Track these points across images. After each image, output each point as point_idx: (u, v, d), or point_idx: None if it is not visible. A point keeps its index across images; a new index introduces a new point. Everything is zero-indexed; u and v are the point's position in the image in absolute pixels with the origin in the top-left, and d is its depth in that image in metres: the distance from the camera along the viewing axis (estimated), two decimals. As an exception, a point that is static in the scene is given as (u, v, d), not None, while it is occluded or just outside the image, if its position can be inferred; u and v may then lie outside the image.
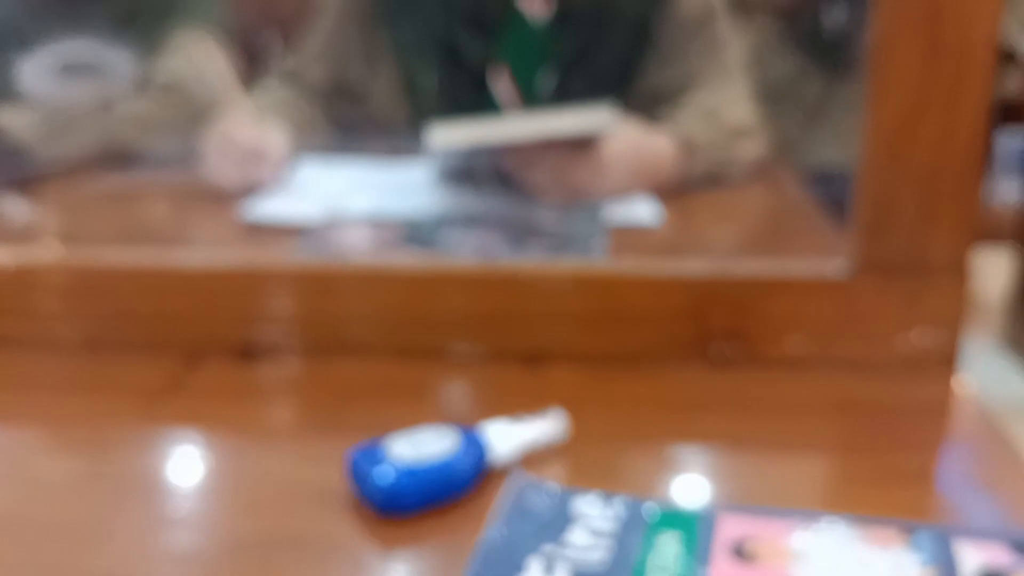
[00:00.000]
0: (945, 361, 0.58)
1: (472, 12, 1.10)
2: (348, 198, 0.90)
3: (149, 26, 1.21)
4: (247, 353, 0.60)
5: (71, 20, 1.20)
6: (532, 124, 0.83)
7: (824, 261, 0.58)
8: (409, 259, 0.69)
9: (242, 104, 1.04)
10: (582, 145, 0.85)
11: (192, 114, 1.10)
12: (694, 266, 0.59)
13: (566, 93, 1.10)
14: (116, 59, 1.09)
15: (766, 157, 1.02)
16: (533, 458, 0.47)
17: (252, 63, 1.22)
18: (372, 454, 0.44)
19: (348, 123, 1.17)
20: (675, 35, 1.09)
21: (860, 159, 0.56)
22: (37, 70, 1.06)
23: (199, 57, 1.16)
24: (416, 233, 0.73)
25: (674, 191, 0.91)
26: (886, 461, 0.50)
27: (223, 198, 0.92)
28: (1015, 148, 2.36)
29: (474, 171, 0.92)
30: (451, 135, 0.82)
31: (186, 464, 0.51)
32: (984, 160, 0.55)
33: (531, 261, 0.65)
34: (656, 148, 0.91)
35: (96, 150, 1.08)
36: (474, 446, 0.45)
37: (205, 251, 0.68)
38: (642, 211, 0.83)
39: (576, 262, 0.66)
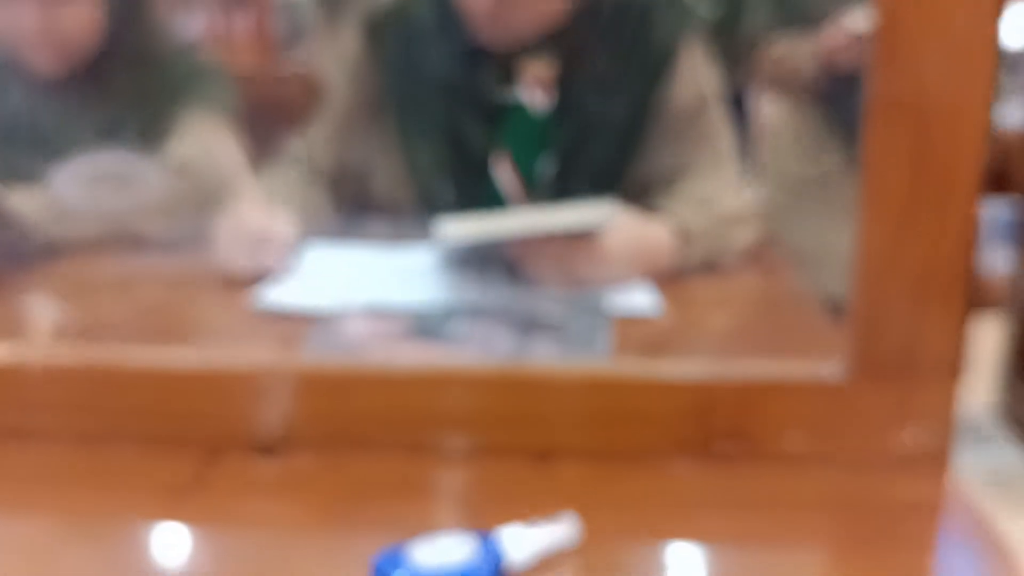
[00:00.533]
0: (938, 458, 0.61)
1: (475, 102, 1.14)
2: (355, 285, 0.93)
3: (159, 109, 1.25)
4: (264, 448, 0.62)
5: (79, 103, 1.23)
6: (536, 219, 0.86)
7: (820, 363, 0.60)
8: (418, 355, 0.72)
9: (252, 190, 1.07)
10: (583, 235, 0.88)
11: (203, 197, 1.13)
12: (696, 368, 0.61)
13: (565, 179, 1.14)
14: (148, 171, 1.12)
15: (758, 242, 1.06)
16: (545, 561, 0.50)
17: (260, 147, 1.26)
18: (395, 560, 0.46)
19: (354, 207, 1.20)
20: (670, 124, 1.13)
21: (854, 266, 0.59)
22: (69, 179, 1.09)
23: (210, 140, 1.19)
24: (423, 325, 0.76)
25: (671, 278, 0.94)
26: (881, 559, 0.53)
27: (233, 284, 0.94)
28: (1003, 217, 2.41)
29: (477, 257, 0.95)
30: (459, 229, 0.86)
31: (207, 560, 0.53)
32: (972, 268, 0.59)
33: (538, 360, 0.68)
34: (654, 237, 0.94)
35: (105, 233, 1.10)
36: (491, 554, 0.47)
37: (220, 348, 0.71)
38: (642, 300, 0.86)
39: (582, 362, 0.69)
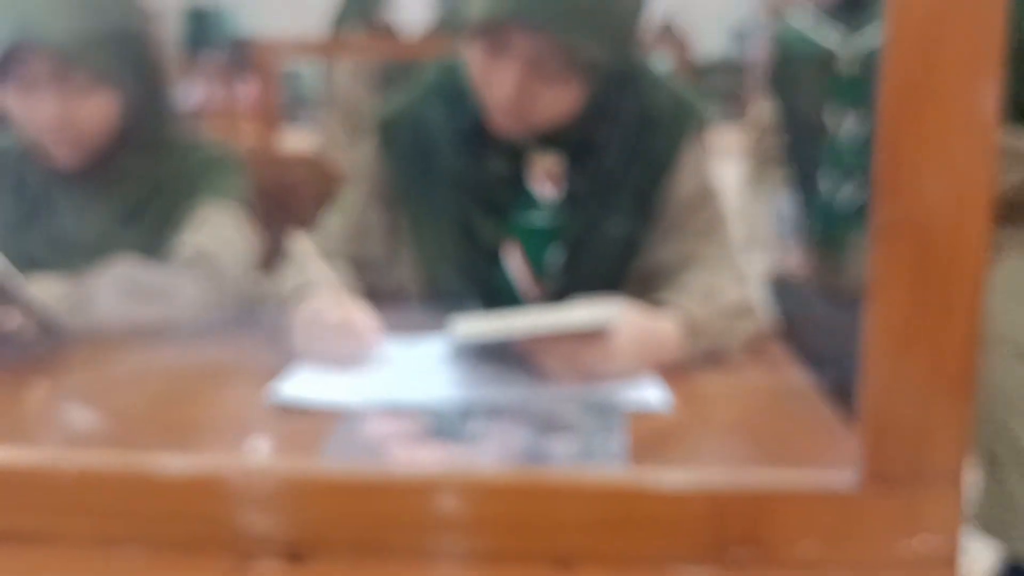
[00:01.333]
0: (945, 564, 0.63)
1: (486, 193, 1.17)
2: (369, 378, 0.95)
3: (173, 198, 1.28)
4: (294, 555, 0.64)
5: (95, 192, 1.26)
6: (547, 318, 0.88)
7: (831, 471, 0.62)
8: (438, 458, 0.73)
9: (327, 282, 1.08)
10: (593, 331, 0.90)
11: (219, 286, 1.15)
12: (710, 475, 0.63)
13: (573, 269, 1.17)
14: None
15: (760, 334, 1.08)
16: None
17: (273, 238, 1.29)
18: None
19: (367, 297, 1.22)
20: (674, 215, 1.16)
21: (861, 380, 0.61)
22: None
23: (224, 229, 1.22)
24: (441, 424, 0.77)
25: (676, 370, 0.97)
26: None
27: (250, 375, 0.96)
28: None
29: (489, 351, 0.97)
30: (473, 328, 0.88)
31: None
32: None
33: (555, 465, 0.70)
34: (662, 331, 0.97)
35: (123, 322, 1.12)
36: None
37: (240, 447, 0.72)
38: (652, 396, 0.88)
39: (598, 467, 0.71)
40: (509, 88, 1.05)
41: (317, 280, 1.11)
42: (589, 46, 1.00)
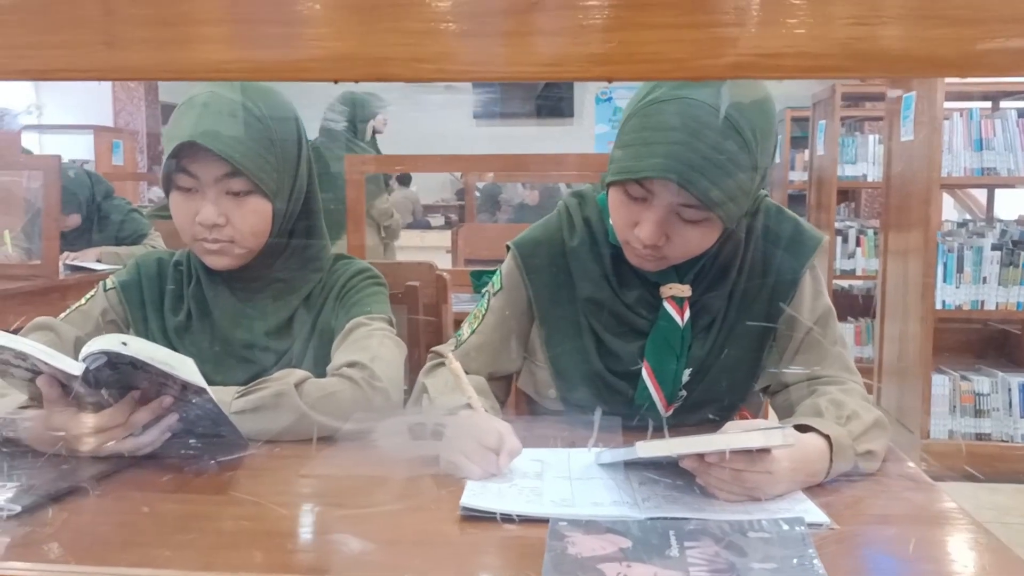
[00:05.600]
0: None
1: (621, 317, 1.25)
2: (538, 487, 1.01)
3: (323, 310, 1.36)
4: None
5: (248, 298, 1.34)
6: (720, 440, 0.95)
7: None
8: None
9: (475, 396, 1.15)
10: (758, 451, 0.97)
11: (375, 394, 1.22)
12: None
13: (701, 388, 1.25)
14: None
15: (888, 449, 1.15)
16: None
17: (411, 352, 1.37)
18: None
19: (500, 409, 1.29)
20: (797, 336, 1.24)
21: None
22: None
23: (378, 344, 1.29)
24: (638, 544, 0.83)
25: (819, 487, 1.04)
26: None
27: (421, 485, 1.03)
28: None
29: (633, 465, 1.03)
30: (652, 448, 0.95)
31: None
32: None
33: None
34: (814, 451, 1.04)
35: (287, 427, 1.18)
36: None
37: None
38: (813, 515, 0.95)
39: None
40: (649, 232, 1.14)
41: (469, 398, 1.18)
42: (728, 199, 1.09)
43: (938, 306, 3.45)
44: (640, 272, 1.23)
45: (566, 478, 1.05)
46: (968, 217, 5.87)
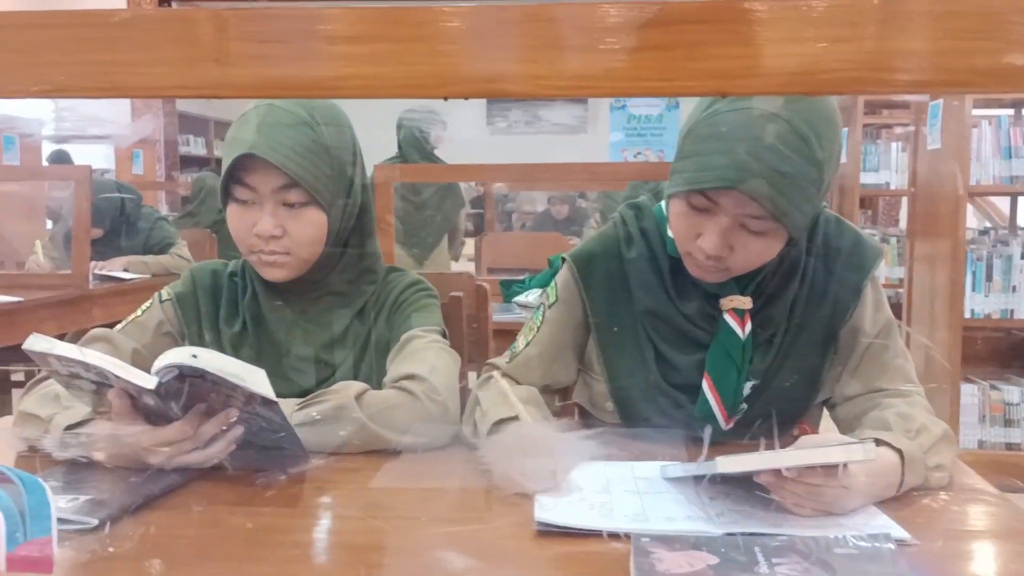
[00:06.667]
0: None
1: (681, 329, 1.25)
2: (610, 500, 1.01)
3: (377, 322, 1.36)
4: None
5: (302, 309, 1.34)
6: (803, 456, 0.95)
7: None
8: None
9: (526, 408, 1.14)
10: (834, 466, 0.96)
11: (434, 407, 1.22)
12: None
13: (763, 401, 1.24)
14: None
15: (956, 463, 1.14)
16: None
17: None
18: None
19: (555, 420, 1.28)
20: (859, 349, 1.23)
21: None
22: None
23: (434, 356, 1.29)
24: (726, 561, 0.83)
25: (890, 501, 1.03)
26: None
27: (483, 496, 1.03)
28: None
29: (700, 479, 1.03)
30: (734, 464, 0.94)
31: None
32: None
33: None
34: (887, 464, 1.03)
35: (347, 439, 1.17)
36: None
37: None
38: (895, 531, 0.94)
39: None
40: (713, 243, 1.13)
41: (517, 411, 1.17)
42: (794, 209, 1.09)
43: (966, 315, 3.43)
44: (700, 283, 1.23)
45: (634, 492, 1.05)
46: (988, 225, 5.84)
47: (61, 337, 1.11)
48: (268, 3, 8.29)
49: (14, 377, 3.98)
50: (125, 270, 3.52)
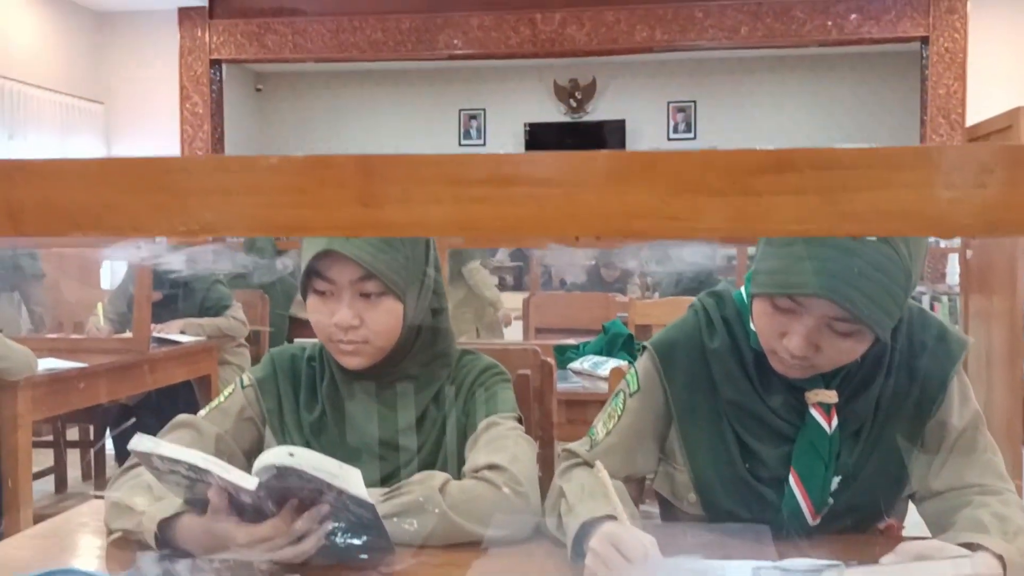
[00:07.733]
0: None
1: (766, 422, 1.24)
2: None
3: (453, 408, 1.37)
4: None
5: (380, 399, 1.36)
6: (916, 570, 0.94)
7: None
8: None
9: (620, 508, 1.14)
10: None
11: (517, 499, 1.22)
12: None
13: (850, 496, 1.23)
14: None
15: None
16: None
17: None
18: None
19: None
20: (947, 443, 1.22)
21: None
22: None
23: (512, 444, 1.29)
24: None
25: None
26: None
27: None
28: None
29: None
30: (861, 571, 0.94)
31: None
32: None
33: None
34: (988, 570, 1.01)
35: (433, 531, 1.17)
36: None
37: None
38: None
39: None
40: (799, 345, 1.13)
41: (615, 509, 1.16)
42: (882, 313, 1.09)
43: (1025, 376, 3.37)
44: (784, 376, 1.23)
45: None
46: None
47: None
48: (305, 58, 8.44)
49: (68, 436, 4.04)
50: (182, 332, 3.57)
